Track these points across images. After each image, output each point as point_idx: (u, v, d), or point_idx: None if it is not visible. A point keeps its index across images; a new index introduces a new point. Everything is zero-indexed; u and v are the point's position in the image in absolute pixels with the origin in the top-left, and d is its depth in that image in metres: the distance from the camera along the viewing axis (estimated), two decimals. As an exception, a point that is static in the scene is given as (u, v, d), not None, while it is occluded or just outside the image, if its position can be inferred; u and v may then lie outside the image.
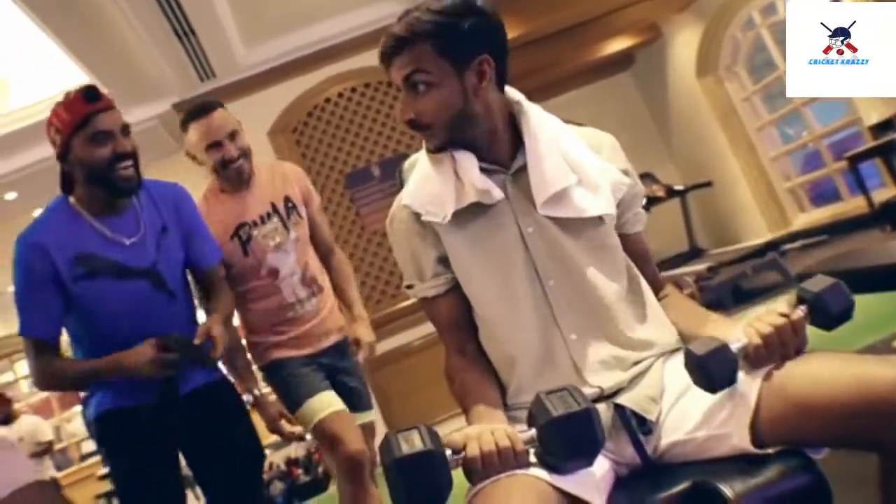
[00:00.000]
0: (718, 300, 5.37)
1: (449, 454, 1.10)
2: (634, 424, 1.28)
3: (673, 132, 8.73)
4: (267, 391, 2.46)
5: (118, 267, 1.90)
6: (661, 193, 7.35)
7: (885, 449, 1.10)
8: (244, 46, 5.33)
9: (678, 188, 7.58)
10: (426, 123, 1.37)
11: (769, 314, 1.22)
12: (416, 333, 5.17)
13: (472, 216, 1.39)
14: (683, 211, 7.69)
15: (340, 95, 5.58)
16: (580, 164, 1.39)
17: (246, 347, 2.49)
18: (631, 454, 1.28)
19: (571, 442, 1.11)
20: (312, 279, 2.52)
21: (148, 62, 5.17)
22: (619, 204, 1.43)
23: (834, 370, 1.12)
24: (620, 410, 1.29)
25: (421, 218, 1.42)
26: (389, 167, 5.40)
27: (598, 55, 8.05)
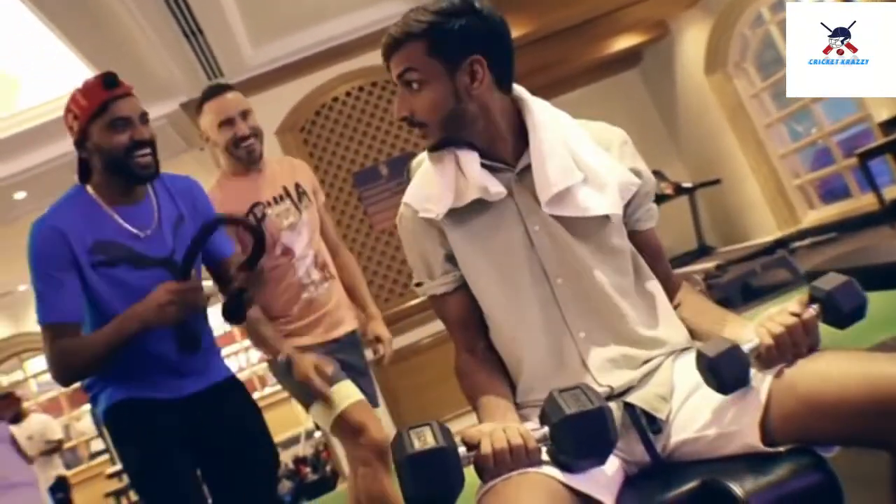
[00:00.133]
0: (727, 298, 5.35)
1: (461, 451, 1.11)
2: (644, 423, 1.28)
3: (681, 129, 8.70)
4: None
5: (136, 256, 1.88)
6: (669, 191, 7.33)
7: (895, 447, 1.09)
8: (252, 46, 5.33)
9: (687, 186, 7.55)
10: (421, 121, 1.38)
11: (781, 314, 1.21)
12: (424, 332, 5.16)
13: (475, 214, 1.39)
14: (692, 209, 7.66)
15: (348, 94, 5.57)
16: (587, 162, 1.38)
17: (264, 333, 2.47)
18: (641, 453, 1.28)
19: (584, 440, 1.11)
20: (324, 264, 2.56)
21: (156, 62, 5.18)
22: (628, 203, 1.42)
23: (844, 368, 1.12)
24: (630, 409, 1.29)
25: (419, 215, 1.43)
26: (397, 166, 5.40)
27: (605, 52, 8.03)
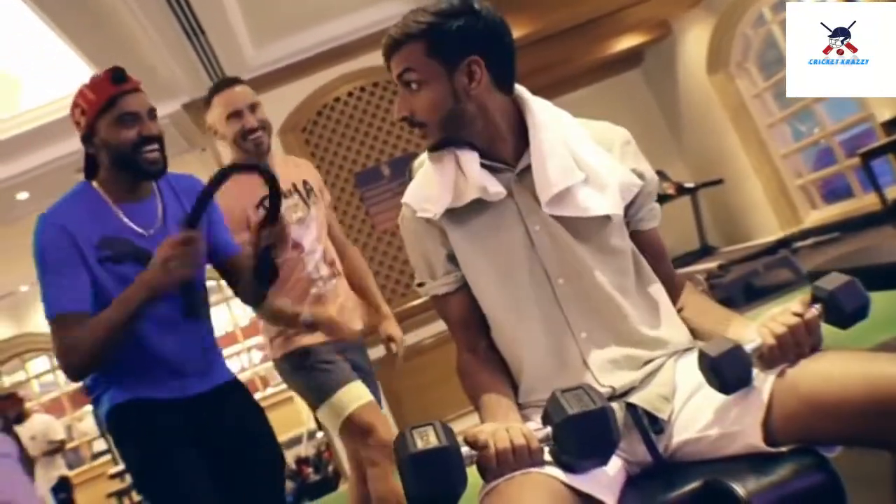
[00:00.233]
0: (730, 298, 5.34)
1: (464, 451, 1.11)
2: (646, 423, 1.28)
3: (683, 129, 8.70)
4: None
5: (142, 253, 1.84)
6: (671, 191, 7.32)
7: (897, 447, 1.09)
8: (253, 46, 5.33)
9: (689, 186, 7.54)
10: (420, 121, 1.39)
11: (783, 314, 1.21)
12: (427, 332, 5.16)
13: (475, 214, 1.39)
14: (694, 208, 7.65)
15: (350, 95, 5.58)
16: (588, 162, 1.38)
17: (271, 336, 2.47)
18: (643, 453, 1.28)
19: (587, 440, 1.11)
20: (332, 261, 2.55)
21: (158, 62, 5.17)
22: (630, 203, 1.42)
23: (846, 368, 1.11)
24: (632, 409, 1.29)
25: (416, 215, 1.43)
26: (399, 166, 5.40)
27: (608, 52, 8.03)
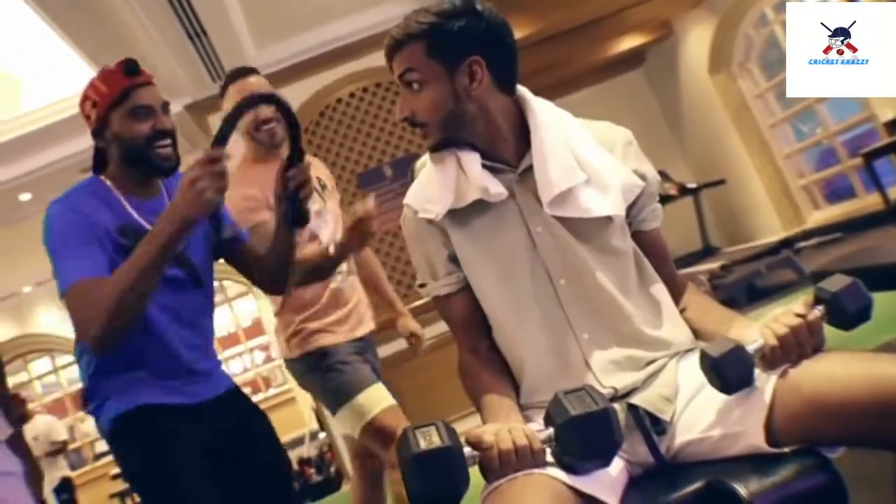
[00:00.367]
0: (732, 298, 5.35)
1: (467, 451, 1.11)
2: (648, 424, 1.28)
3: (685, 130, 8.69)
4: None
5: None
6: (673, 192, 7.32)
7: (900, 448, 1.09)
8: (255, 47, 5.33)
9: (691, 186, 7.55)
10: (421, 122, 1.39)
11: (785, 315, 1.21)
12: (429, 332, 5.07)
13: (477, 215, 1.39)
14: (696, 209, 7.65)
15: (352, 95, 5.58)
16: (590, 162, 1.38)
17: (287, 336, 2.42)
18: (645, 454, 1.28)
19: (589, 442, 1.11)
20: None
21: (160, 63, 5.17)
22: (633, 204, 1.42)
23: (848, 369, 1.11)
24: (634, 410, 1.29)
25: (418, 216, 1.44)
26: (401, 167, 5.41)
27: (609, 53, 8.03)
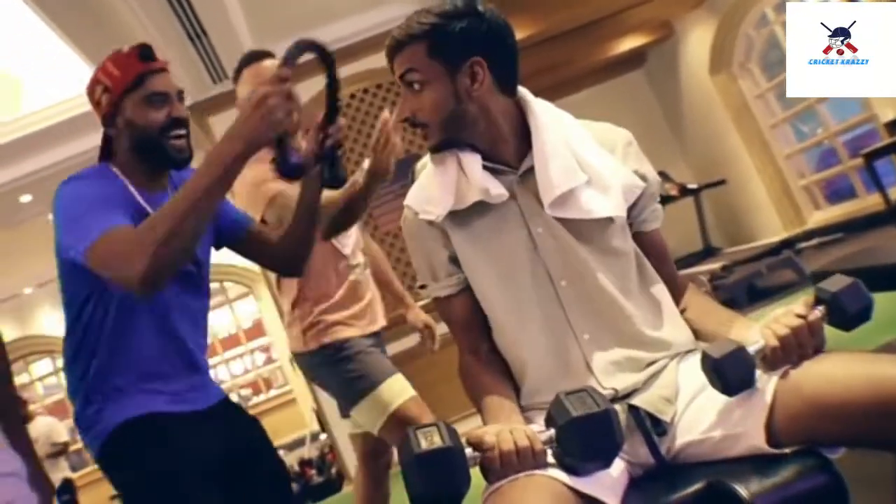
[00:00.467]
0: (733, 299, 5.34)
1: (468, 452, 1.11)
2: (649, 425, 1.28)
3: (686, 130, 8.69)
4: None
5: None
6: (674, 192, 7.32)
7: (900, 449, 1.09)
8: (256, 47, 5.33)
9: (692, 187, 7.55)
10: (422, 122, 1.40)
11: (786, 315, 1.21)
12: (429, 333, 5.15)
13: (477, 216, 1.39)
14: (697, 209, 7.65)
15: (353, 97, 5.58)
16: (591, 163, 1.38)
17: (303, 327, 2.37)
18: (645, 455, 1.28)
19: (590, 443, 1.11)
20: (364, 252, 2.53)
21: (160, 64, 5.19)
22: (633, 205, 1.42)
23: (849, 370, 1.11)
24: (635, 411, 1.29)
25: (419, 217, 1.44)
26: (402, 168, 5.32)
27: (610, 53, 8.03)
